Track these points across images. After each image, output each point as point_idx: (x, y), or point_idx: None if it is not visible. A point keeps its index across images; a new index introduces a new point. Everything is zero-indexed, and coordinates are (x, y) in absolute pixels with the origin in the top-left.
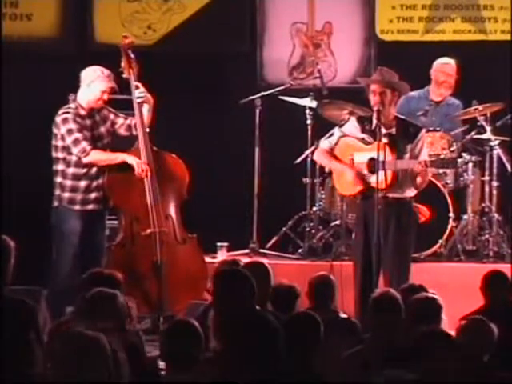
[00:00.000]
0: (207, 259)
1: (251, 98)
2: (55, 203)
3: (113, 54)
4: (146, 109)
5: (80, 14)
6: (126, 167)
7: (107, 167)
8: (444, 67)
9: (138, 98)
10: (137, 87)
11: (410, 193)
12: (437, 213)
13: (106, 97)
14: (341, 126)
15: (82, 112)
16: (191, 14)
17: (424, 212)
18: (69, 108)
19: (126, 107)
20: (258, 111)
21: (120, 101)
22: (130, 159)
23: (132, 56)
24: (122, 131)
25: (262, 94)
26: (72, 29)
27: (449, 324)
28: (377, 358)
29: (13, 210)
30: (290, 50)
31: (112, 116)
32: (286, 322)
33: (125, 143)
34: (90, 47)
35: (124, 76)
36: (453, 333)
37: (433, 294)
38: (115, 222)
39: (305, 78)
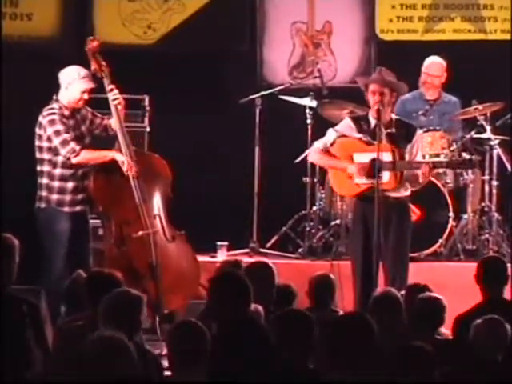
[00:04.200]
0: (207, 258)
1: (251, 97)
2: (42, 204)
3: (113, 53)
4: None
5: (80, 14)
6: (111, 170)
7: (94, 168)
8: (427, 67)
9: (114, 100)
10: (111, 90)
11: (407, 192)
12: (437, 212)
13: (86, 96)
14: (335, 126)
15: (66, 112)
16: (191, 14)
17: (415, 211)
18: (53, 109)
19: (101, 106)
20: (257, 111)
21: (96, 100)
22: (120, 156)
23: (101, 59)
24: (98, 131)
25: (262, 93)
26: (72, 28)
27: (446, 323)
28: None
29: (12, 210)
30: (289, 50)
31: (90, 115)
32: (275, 319)
33: (104, 143)
34: None
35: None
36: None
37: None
38: (97, 220)
39: (305, 77)
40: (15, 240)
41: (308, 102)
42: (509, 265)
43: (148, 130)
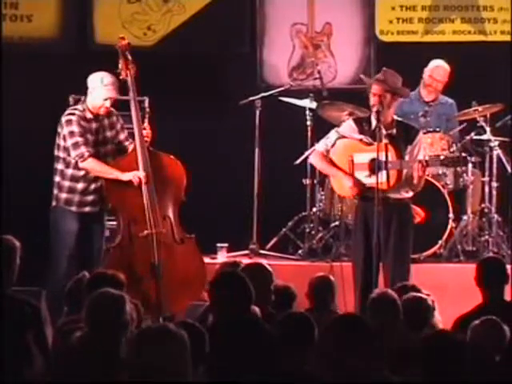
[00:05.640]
0: (207, 260)
1: (251, 99)
2: (53, 203)
3: (113, 54)
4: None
5: (80, 15)
6: (124, 168)
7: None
8: (433, 71)
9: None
10: (144, 129)
11: (409, 193)
12: (436, 213)
13: (108, 104)
14: (337, 127)
15: (89, 115)
16: (191, 15)
17: (419, 213)
18: (75, 109)
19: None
20: (257, 112)
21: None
22: (125, 177)
23: (129, 57)
24: (116, 146)
25: (262, 95)
26: (72, 30)
27: (447, 324)
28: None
29: (12, 210)
30: (289, 51)
31: (118, 126)
32: (278, 322)
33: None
34: (90, 48)
35: (121, 77)
36: None
37: (427, 294)
38: (114, 222)
39: (305, 78)
40: (16, 242)
41: (308, 103)
42: (508, 266)
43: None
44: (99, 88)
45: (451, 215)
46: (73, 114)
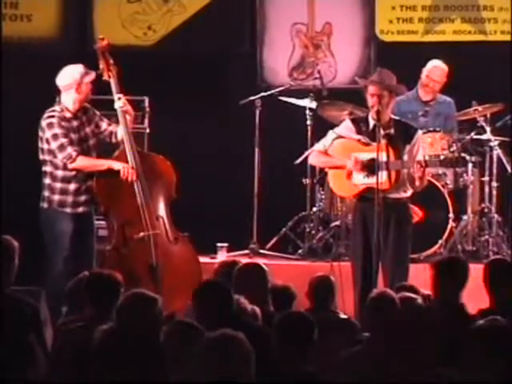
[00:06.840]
0: (207, 260)
1: (251, 98)
2: (45, 205)
3: (112, 54)
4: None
5: (80, 15)
6: (114, 171)
7: (95, 172)
8: (430, 71)
9: (121, 107)
10: (119, 98)
11: (407, 193)
12: (436, 213)
13: (85, 89)
14: (337, 127)
15: (68, 114)
16: (191, 15)
17: (417, 212)
18: (54, 111)
19: (105, 108)
20: (257, 112)
21: (103, 101)
22: (117, 165)
23: (110, 58)
24: (103, 136)
25: (262, 94)
26: (72, 29)
27: None
28: (375, 358)
29: (12, 210)
30: (289, 51)
31: (97, 118)
32: (278, 322)
33: (110, 145)
34: (90, 48)
35: (104, 78)
36: None
37: (427, 294)
38: (102, 222)
39: (305, 78)
40: (15, 242)
41: (308, 103)
42: None
43: (148, 131)
44: (80, 79)
45: (451, 215)
46: (52, 117)
